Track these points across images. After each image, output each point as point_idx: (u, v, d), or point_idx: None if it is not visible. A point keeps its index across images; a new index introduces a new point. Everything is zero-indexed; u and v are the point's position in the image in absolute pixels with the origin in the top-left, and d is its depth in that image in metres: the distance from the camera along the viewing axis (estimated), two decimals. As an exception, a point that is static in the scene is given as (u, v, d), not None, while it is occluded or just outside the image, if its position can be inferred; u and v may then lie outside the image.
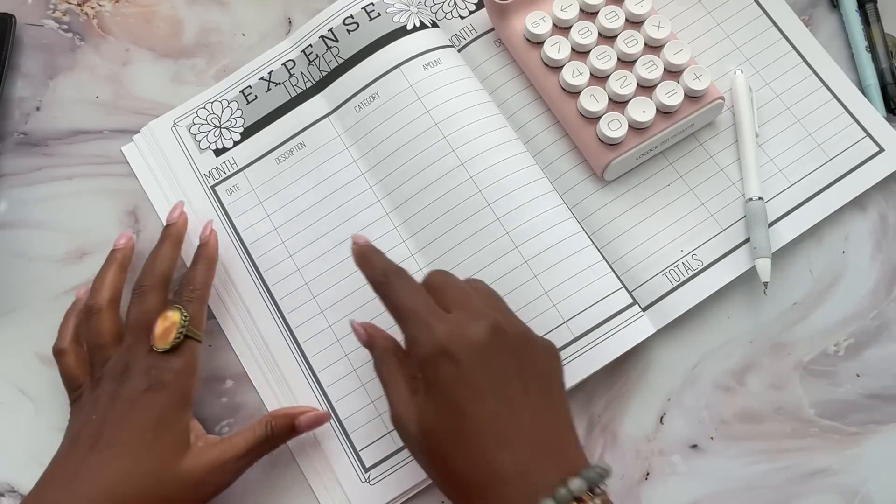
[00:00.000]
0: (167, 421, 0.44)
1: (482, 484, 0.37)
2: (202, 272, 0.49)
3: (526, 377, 0.39)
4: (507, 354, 0.40)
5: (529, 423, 0.38)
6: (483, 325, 0.40)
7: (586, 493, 0.36)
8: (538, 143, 0.53)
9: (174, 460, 0.43)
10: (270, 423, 0.46)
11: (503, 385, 0.39)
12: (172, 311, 0.46)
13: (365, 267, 0.45)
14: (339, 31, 0.55)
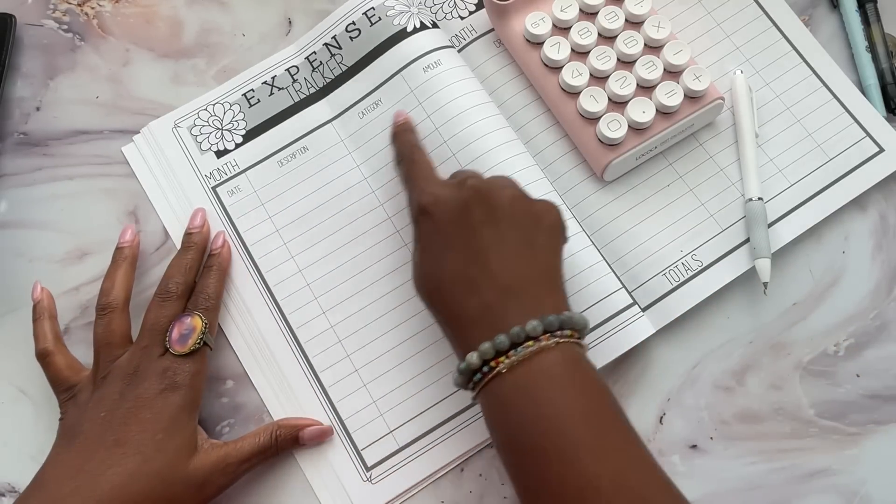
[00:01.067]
0: (179, 423, 0.45)
1: (457, 323, 0.41)
2: (215, 282, 0.50)
3: (502, 231, 0.42)
4: (482, 210, 0.42)
5: (499, 271, 0.41)
6: (465, 187, 0.44)
7: (544, 334, 0.39)
8: (538, 143, 0.53)
9: (182, 461, 0.44)
10: (275, 433, 0.47)
11: (474, 237, 0.42)
12: (193, 318, 0.47)
13: (395, 141, 0.50)
14: (342, 38, 0.55)
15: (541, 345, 0.39)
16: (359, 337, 0.50)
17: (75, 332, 0.52)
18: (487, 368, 0.39)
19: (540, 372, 0.39)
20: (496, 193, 0.43)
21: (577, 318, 0.40)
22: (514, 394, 0.39)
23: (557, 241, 0.44)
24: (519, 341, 0.39)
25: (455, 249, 0.42)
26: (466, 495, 0.48)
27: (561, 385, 0.39)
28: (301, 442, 0.48)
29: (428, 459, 0.48)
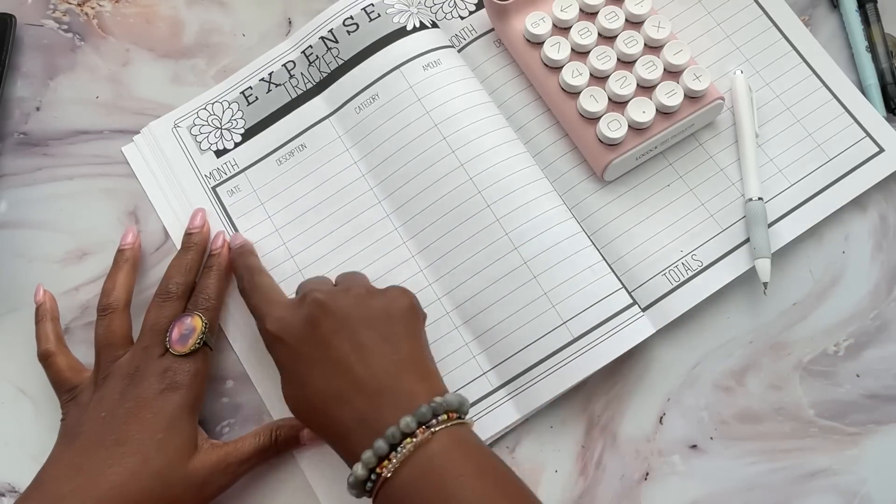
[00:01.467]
0: (179, 423, 0.45)
1: (337, 437, 0.41)
2: (216, 282, 0.50)
3: (356, 336, 0.42)
4: (328, 322, 0.43)
5: (364, 376, 0.41)
6: (306, 304, 0.44)
7: (420, 428, 0.39)
8: (538, 143, 0.53)
9: (182, 461, 0.44)
10: (276, 433, 0.47)
11: (330, 350, 0.42)
12: (194, 318, 0.47)
13: (235, 266, 0.50)
14: (339, 32, 0.55)
15: (417, 440, 0.38)
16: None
17: (75, 332, 0.52)
18: (375, 476, 0.39)
19: (426, 466, 0.38)
20: (339, 301, 0.44)
21: (451, 398, 0.40)
22: (408, 494, 0.38)
23: (415, 326, 0.44)
24: (396, 442, 0.39)
25: (315, 367, 0.42)
26: (466, 495, 0.48)
27: (451, 473, 0.38)
28: (302, 442, 0.48)
29: (428, 459, 0.48)
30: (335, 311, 0.43)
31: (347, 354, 0.42)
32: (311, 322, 0.43)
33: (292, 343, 0.43)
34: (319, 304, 0.43)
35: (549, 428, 0.49)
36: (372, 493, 0.39)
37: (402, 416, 0.39)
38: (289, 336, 0.43)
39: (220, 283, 0.50)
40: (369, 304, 0.44)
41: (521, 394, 0.48)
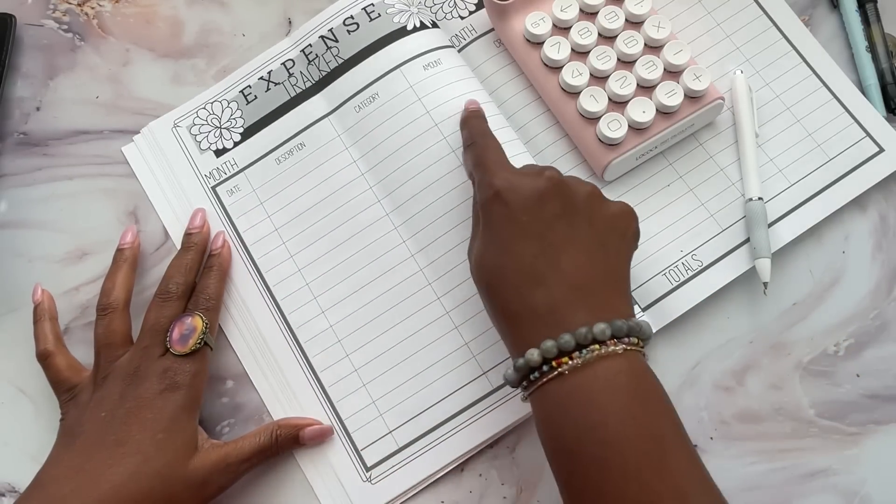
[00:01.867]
0: (180, 423, 0.45)
1: (518, 317, 0.40)
2: (216, 282, 0.50)
3: (576, 228, 0.41)
4: (558, 204, 0.41)
5: (569, 268, 0.40)
6: (543, 178, 0.42)
7: (611, 339, 0.38)
8: (538, 143, 0.53)
9: (182, 461, 0.44)
10: (276, 432, 0.47)
11: (548, 230, 0.41)
12: (194, 318, 0.47)
13: (465, 126, 0.49)
14: (339, 31, 0.55)
15: (608, 350, 0.37)
16: (358, 336, 0.50)
17: (75, 332, 0.52)
18: (547, 368, 0.38)
19: (605, 378, 0.37)
20: (574, 188, 0.43)
21: (644, 326, 0.39)
22: (575, 398, 0.37)
23: (629, 247, 0.44)
24: (585, 343, 0.38)
25: (526, 239, 0.41)
26: (466, 495, 0.48)
27: (626, 395, 0.37)
28: (301, 442, 0.48)
29: (428, 459, 0.48)
30: (569, 197, 0.42)
31: (562, 241, 0.40)
32: (542, 195, 0.41)
33: (514, 208, 0.41)
34: (557, 183, 0.42)
35: (549, 428, 0.49)
36: (531, 384, 0.38)
37: (597, 322, 0.38)
38: (514, 200, 0.42)
39: (220, 283, 0.50)
40: (599, 206, 0.43)
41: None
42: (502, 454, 0.49)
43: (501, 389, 0.48)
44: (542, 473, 0.48)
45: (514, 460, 0.49)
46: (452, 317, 0.50)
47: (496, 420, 0.48)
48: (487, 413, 0.48)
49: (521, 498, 0.48)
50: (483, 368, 0.49)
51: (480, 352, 0.49)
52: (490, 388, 0.49)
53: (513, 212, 0.41)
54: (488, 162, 0.45)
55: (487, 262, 0.42)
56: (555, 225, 0.41)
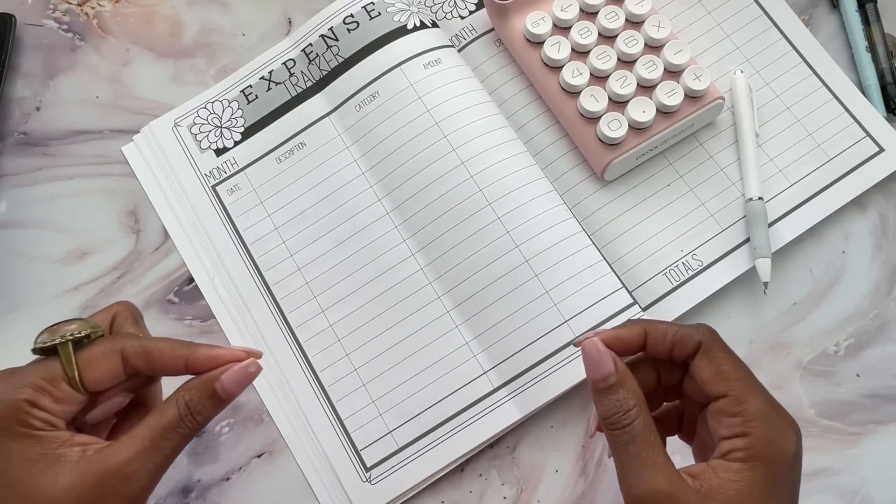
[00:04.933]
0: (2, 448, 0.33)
1: None
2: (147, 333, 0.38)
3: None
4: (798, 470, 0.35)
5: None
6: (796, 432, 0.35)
7: None
8: (538, 142, 0.53)
9: (38, 487, 0.33)
10: (182, 399, 0.35)
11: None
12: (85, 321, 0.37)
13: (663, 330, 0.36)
14: (340, 29, 0.55)
15: None
16: (358, 335, 0.50)
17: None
18: None
19: None
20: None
21: None
22: None
23: None
24: None
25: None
26: (466, 495, 0.48)
27: None
28: (223, 395, 0.35)
29: (428, 459, 0.48)
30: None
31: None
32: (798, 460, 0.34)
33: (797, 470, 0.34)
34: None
35: (550, 428, 0.49)
36: None
37: None
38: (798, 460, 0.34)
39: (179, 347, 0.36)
40: None
41: (521, 393, 0.48)
42: (502, 454, 0.49)
43: (502, 389, 0.48)
44: (543, 473, 0.48)
45: (514, 460, 0.49)
46: (453, 316, 0.50)
47: (496, 420, 0.48)
48: (487, 413, 0.48)
49: (521, 498, 0.48)
50: (483, 368, 0.49)
51: (481, 351, 0.49)
52: (490, 388, 0.49)
53: (797, 479, 0.34)
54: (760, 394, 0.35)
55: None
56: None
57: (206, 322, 0.52)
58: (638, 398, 0.34)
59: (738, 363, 0.35)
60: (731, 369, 0.34)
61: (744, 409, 0.33)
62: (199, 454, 0.49)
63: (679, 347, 0.35)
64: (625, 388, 0.34)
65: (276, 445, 0.49)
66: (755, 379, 0.35)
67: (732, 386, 0.34)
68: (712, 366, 0.34)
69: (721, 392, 0.34)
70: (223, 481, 0.49)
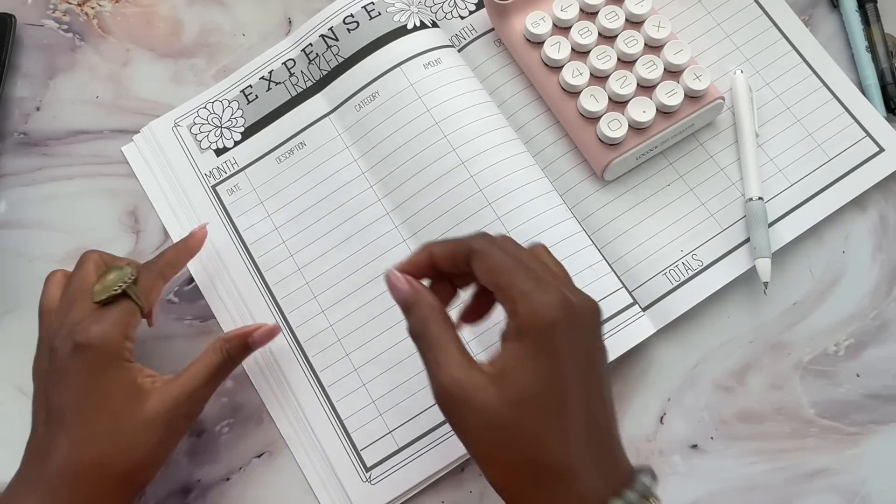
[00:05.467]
0: (107, 378, 0.42)
1: (567, 472, 0.35)
2: (174, 251, 0.48)
3: (600, 361, 0.38)
4: (595, 336, 0.38)
5: (603, 417, 0.37)
6: (591, 300, 0.38)
7: (654, 497, 0.36)
8: (538, 142, 0.53)
9: (133, 410, 0.42)
10: (224, 347, 0.45)
11: (594, 367, 0.37)
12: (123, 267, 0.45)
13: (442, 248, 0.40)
14: (340, 29, 0.55)
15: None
16: (358, 335, 0.50)
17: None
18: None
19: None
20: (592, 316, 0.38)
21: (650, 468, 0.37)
22: None
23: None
24: (648, 495, 0.35)
25: (585, 376, 0.36)
26: (466, 495, 0.48)
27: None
28: (252, 346, 0.46)
29: (428, 460, 0.48)
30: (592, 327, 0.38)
31: (601, 381, 0.37)
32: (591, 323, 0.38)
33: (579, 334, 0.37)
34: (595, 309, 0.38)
35: (550, 428, 0.49)
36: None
37: (640, 470, 0.36)
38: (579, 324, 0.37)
39: (177, 254, 0.48)
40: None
41: (521, 393, 0.48)
42: (502, 454, 0.49)
43: (501, 389, 0.48)
44: (543, 473, 0.48)
45: (514, 460, 0.49)
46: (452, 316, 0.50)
47: (496, 420, 0.48)
48: (487, 413, 0.48)
49: (521, 498, 0.48)
50: (483, 368, 0.49)
51: (480, 352, 0.49)
52: (490, 388, 0.48)
53: (581, 342, 0.36)
54: (523, 269, 0.37)
55: (536, 400, 0.35)
56: (596, 363, 0.37)
57: (206, 322, 0.52)
58: (432, 312, 0.38)
59: (506, 257, 0.38)
60: (496, 263, 0.37)
61: (510, 294, 0.36)
62: (200, 454, 0.49)
63: (459, 258, 0.39)
64: (418, 305, 0.39)
65: (276, 445, 0.49)
66: (524, 266, 0.37)
67: (500, 278, 0.37)
68: (483, 265, 0.38)
69: (493, 284, 0.37)
70: (223, 481, 0.49)
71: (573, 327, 0.36)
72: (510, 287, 0.37)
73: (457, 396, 0.36)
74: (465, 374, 0.36)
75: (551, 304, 0.36)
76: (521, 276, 0.37)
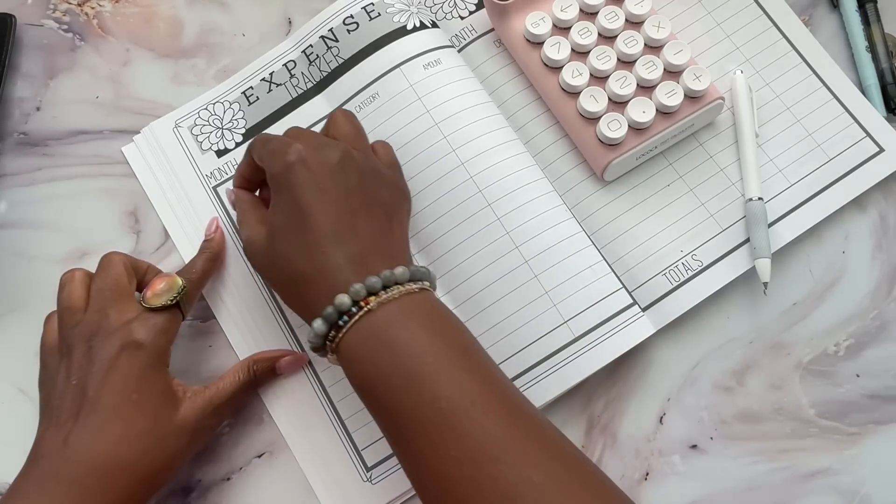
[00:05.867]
0: (150, 379, 0.44)
1: (317, 274, 0.42)
2: (203, 261, 0.50)
3: (369, 198, 0.44)
4: (354, 175, 0.44)
5: (366, 232, 0.43)
6: (338, 148, 0.45)
7: (408, 281, 0.41)
8: (538, 143, 0.53)
9: (168, 416, 0.44)
10: (253, 368, 0.48)
11: (347, 197, 0.43)
12: (173, 277, 0.47)
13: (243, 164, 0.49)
14: (339, 30, 0.55)
15: (410, 287, 0.41)
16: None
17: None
18: (357, 309, 0.40)
19: (410, 307, 0.41)
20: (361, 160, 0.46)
21: (431, 272, 0.43)
22: (387, 330, 0.40)
23: (405, 218, 0.47)
24: (388, 284, 0.41)
25: (327, 203, 0.43)
26: (466, 495, 0.48)
27: (432, 319, 0.41)
28: (279, 371, 0.49)
29: (428, 459, 0.48)
30: (361, 170, 0.45)
31: (360, 209, 0.44)
32: (340, 165, 0.44)
33: (316, 171, 0.44)
34: (350, 155, 0.45)
35: (550, 428, 0.49)
36: (336, 336, 0.41)
37: (396, 266, 0.41)
38: (316, 164, 0.44)
39: (207, 262, 0.50)
40: (383, 181, 0.46)
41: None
42: (502, 454, 0.49)
43: (501, 389, 0.48)
44: (543, 473, 0.48)
45: (514, 460, 0.49)
46: None
47: (496, 420, 0.48)
48: (487, 413, 0.48)
49: (521, 498, 0.48)
50: (483, 368, 0.49)
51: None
52: (490, 388, 0.48)
53: (316, 178, 0.43)
54: (274, 137, 0.46)
55: (283, 226, 0.43)
56: (353, 195, 0.43)
57: (207, 322, 0.52)
58: (241, 193, 0.49)
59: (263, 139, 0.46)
60: (256, 147, 0.47)
61: (263, 162, 0.46)
62: (200, 454, 0.49)
63: (252, 163, 0.47)
64: (235, 195, 0.49)
65: (276, 445, 0.49)
66: (278, 138, 0.46)
67: (258, 155, 0.46)
68: (255, 154, 0.47)
69: (258, 162, 0.46)
70: (224, 481, 0.49)
71: (309, 168, 0.43)
72: (261, 157, 0.46)
73: (247, 242, 0.46)
74: (256, 228, 0.45)
75: (282, 156, 0.44)
76: (270, 144, 0.45)
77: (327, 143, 0.45)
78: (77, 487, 0.42)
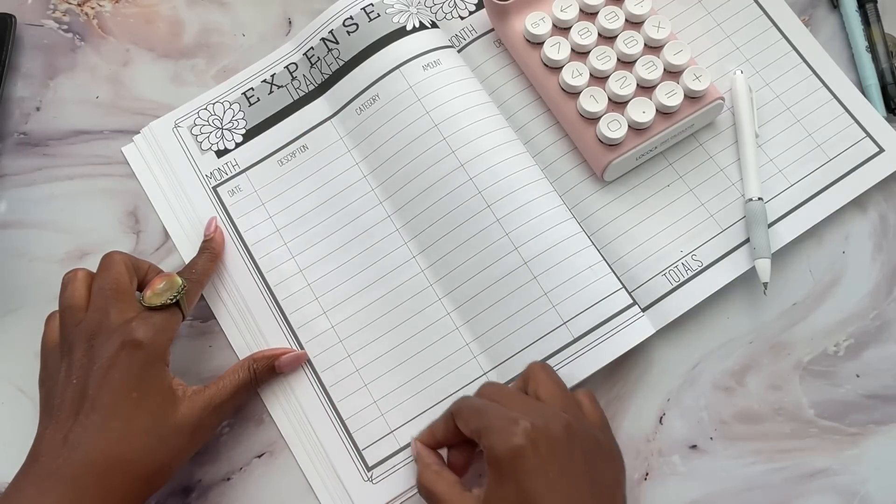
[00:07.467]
0: (149, 378, 0.44)
1: None
2: (204, 261, 0.50)
3: (593, 478, 0.41)
4: (579, 453, 0.41)
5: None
6: (558, 421, 0.41)
7: None
8: (538, 143, 0.53)
9: (168, 413, 0.44)
10: (252, 367, 0.48)
11: (574, 482, 0.40)
12: (173, 277, 0.47)
13: (440, 425, 0.46)
14: (340, 32, 0.55)
15: None
16: (359, 337, 0.50)
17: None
18: None
19: None
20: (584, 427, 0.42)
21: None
22: None
23: (625, 491, 0.43)
24: None
25: (555, 492, 0.39)
26: (466, 495, 0.48)
27: None
28: (278, 370, 0.49)
29: (428, 459, 0.48)
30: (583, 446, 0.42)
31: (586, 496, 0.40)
32: (565, 443, 0.41)
33: (544, 455, 0.40)
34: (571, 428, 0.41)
35: (550, 428, 0.49)
36: None
37: None
38: (543, 446, 0.40)
39: (208, 262, 0.50)
40: (604, 453, 0.43)
41: (521, 394, 0.48)
42: (502, 454, 0.49)
43: (501, 390, 0.49)
44: (543, 473, 0.48)
45: (514, 460, 0.49)
46: (453, 318, 0.50)
47: (496, 420, 0.48)
48: (487, 413, 0.48)
49: (521, 498, 0.48)
50: (483, 369, 0.49)
51: (481, 353, 0.49)
52: (490, 389, 0.49)
53: (543, 462, 0.39)
54: (493, 408, 0.42)
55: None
56: (579, 478, 0.40)
57: (207, 322, 0.52)
58: (429, 467, 0.45)
59: (476, 404, 0.43)
60: (467, 412, 0.43)
61: (478, 435, 0.41)
62: (200, 454, 0.49)
63: (451, 426, 0.44)
64: (421, 461, 0.45)
65: (276, 445, 0.49)
66: (494, 407, 0.42)
67: (470, 424, 0.42)
68: (461, 421, 0.43)
69: (468, 432, 0.43)
70: (224, 481, 0.49)
71: (538, 452, 0.39)
72: (477, 430, 0.42)
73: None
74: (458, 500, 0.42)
75: (507, 436, 0.40)
76: (487, 417, 0.41)
77: (550, 416, 0.41)
78: (76, 485, 0.42)
